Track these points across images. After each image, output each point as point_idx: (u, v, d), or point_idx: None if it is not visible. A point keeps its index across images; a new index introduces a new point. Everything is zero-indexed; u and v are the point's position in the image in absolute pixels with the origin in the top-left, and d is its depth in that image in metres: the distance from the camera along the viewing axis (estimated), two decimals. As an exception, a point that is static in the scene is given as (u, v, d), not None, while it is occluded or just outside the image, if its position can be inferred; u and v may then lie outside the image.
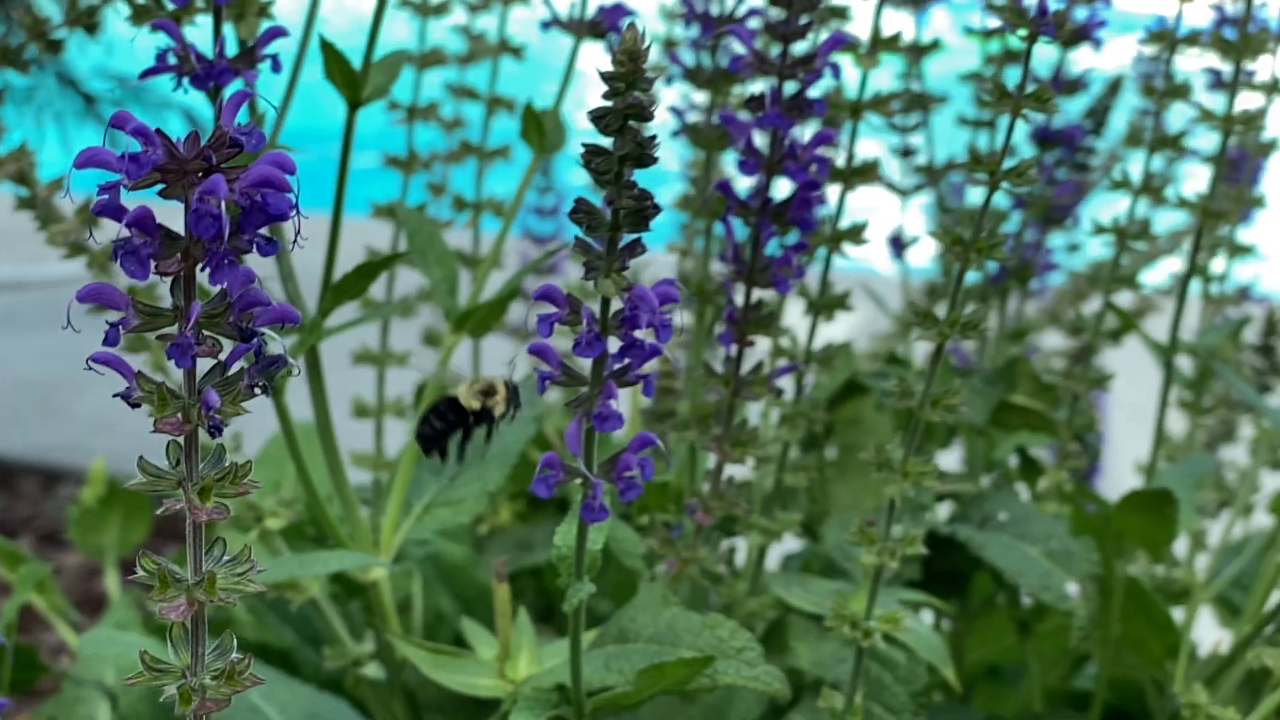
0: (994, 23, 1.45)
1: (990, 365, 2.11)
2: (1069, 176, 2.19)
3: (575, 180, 2.85)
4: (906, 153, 2.23)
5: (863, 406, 2.21)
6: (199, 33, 1.42)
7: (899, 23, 2.20)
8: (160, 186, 0.90)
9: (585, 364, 1.23)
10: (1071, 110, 2.20)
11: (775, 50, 1.44)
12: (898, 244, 2.31)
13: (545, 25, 1.80)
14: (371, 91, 1.52)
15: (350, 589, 1.94)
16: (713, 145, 1.74)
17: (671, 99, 2.12)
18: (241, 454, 1.73)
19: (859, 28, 1.64)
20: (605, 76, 1.12)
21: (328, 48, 1.46)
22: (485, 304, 1.68)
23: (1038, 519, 1.83)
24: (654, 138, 1.14)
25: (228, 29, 1.43)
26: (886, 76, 2.25)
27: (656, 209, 1.17)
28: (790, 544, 2.35)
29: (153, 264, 0.91)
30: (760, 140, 1.47)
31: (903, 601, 1.73)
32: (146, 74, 1.32)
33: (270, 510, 1.72)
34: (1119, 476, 2.88)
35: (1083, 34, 2.07)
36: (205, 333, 0.93)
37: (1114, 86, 2.19)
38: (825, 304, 1.66)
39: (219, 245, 0.89)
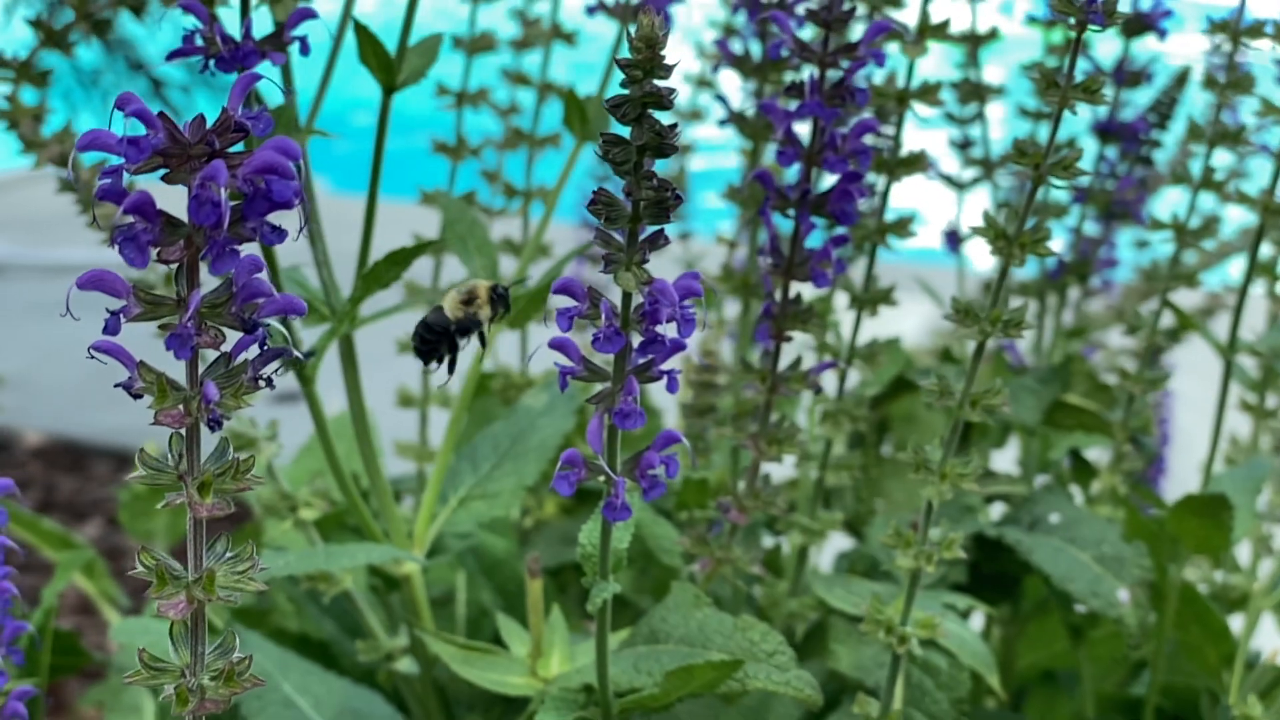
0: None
1: (1047, 364, 2.07)
2: (1132, 171, 2.13)
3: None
4: (964, 145, 2.18)
5: (917, 403, 2.17)
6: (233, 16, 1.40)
7: (956, 11, 2.15)
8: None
9: (608, 359, 1.20)
10: (1139, 103, 2.15)
11: (817, 37, 1.40)
12: (953, 238, 2.27)
13: (590, 10, 1.77)
14: (407, 76, 1.50)
15: (390, 581, 1.92)
16: (759, 135, 1.70)
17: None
18: (277, 443, 1.71)
19: (912, 15, 1.61)
20: (622, 64, 1.09)
21: (361, 30, 1.44)
22: (524, 294, 1.65)
23: (1089, 522, 1.78)
24: (674, 126, 1.11)
25: (263, 12, 1.41)
26: (944, 68, 2.21)
27: (678, 200, 1.13)
28: (843, 543, 2.32)
29: (153, 251, 0.88)
30: (801, 130, 1.43)
31: (948, 605, 1.70)
32: (172, 56, 1.30)
33: (305, 500, 1.70)
34: (1184, 477, 2.83)
35: (1146, 23, 2.03)
36: (208, 323, 0.91)
37: (1180, 79, 2.13)
38: (869, 299, 1.62)
39: (219, 233, 0.87)
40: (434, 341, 1.48)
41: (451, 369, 1.49)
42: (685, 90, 2.50)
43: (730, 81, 2.16)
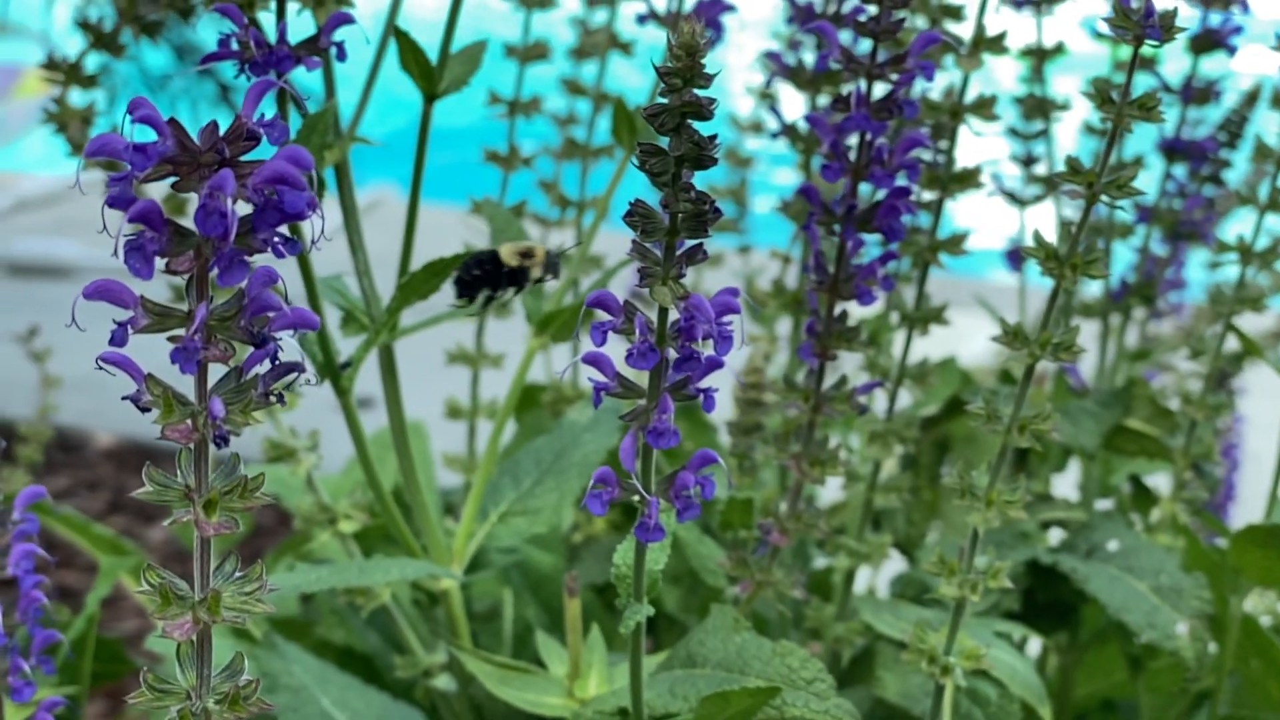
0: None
1: (1109, 387, 2.02)
2: (1200, 190, 2.08)
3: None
4: (1027, 161, 2.13)
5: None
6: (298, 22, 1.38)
7: (1020, 25, 2.10)
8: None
9: (644, 376, 1.17)
10: (1213, 120, 2.09)
11: (866, 49, 1.36)
12: (1015, 256, 2.22)
13: (641, 19, 1.74)
14: (449, 84, 1.47)
15: (433, 596, 1.90)
16: (812, 148, 1.67)
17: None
18: (317, 454, 1.69)
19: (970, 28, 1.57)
20: (661, 72, 1.06)
21: (402, 36, 1.42)
22: (570, 306, 1.62)
23: (1148, 551, 1.74)
24: (714, 137, 1.08)
25: (307, 16, 1.39)
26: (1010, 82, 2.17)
27: (717, 213, 1.10)
28: (901, 565, 2.27)
29: (159, 261, 0.86)
30: (851, 143, 1.39)
31: (999, 634, 1.65)
32: (207, 60, 1.28)
33: (344, 512, 1.68)
34: (1255, 504, 2.76)
35: (1215, 40, 1.98)
36: (217, 336, 0.88)
37: (1252, 97, 2.08)
38: (920, 317, 1.58)
39: (227, 244, 0.84)
40: (478, 279, 1.48)
41: (485, 307, 1.50)
42: (748, 103, 2.47)
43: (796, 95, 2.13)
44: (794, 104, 1.98)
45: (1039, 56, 2.06)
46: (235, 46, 1.28)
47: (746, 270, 2.44)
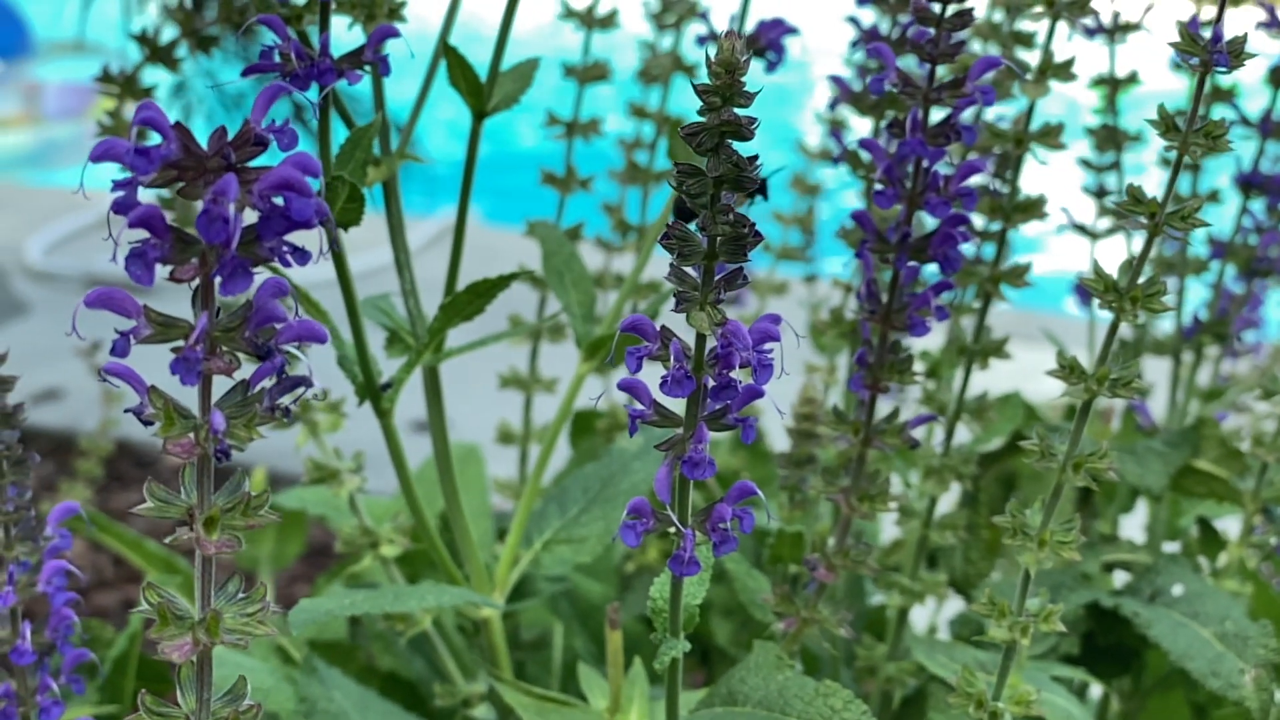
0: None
1: (1177, 426, 1.96)
2: (1278, 226, 2.02)
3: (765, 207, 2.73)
4: (1100, 193, 2.08)
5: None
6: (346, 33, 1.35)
7: (1094, 54, 2.05)
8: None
9: (681, 404, 1.13)
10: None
11: (924, 72, 1.32)
12: (1084, 290, 2.16)
13: (701, 41, 1.70)
14: (499, 101, 1.44)
15: (477, 623, 1.86)
16: (872, 173, 1.62)
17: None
18: (360, 476, 1.66)
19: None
20: (700, 90, 1.02)
21: (450, 52, 1.39)
22: (613, 334, 1.58)
23: (1213, 597, 1.68)
24: (755, 158, 1.04)
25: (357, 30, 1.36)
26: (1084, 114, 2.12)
27: (757, 237, 1.06)
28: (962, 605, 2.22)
29: (161, 268, 0.83)
30: (908, 169, 1.35)
31: (1056, 679, 1.60)
32: (248, 72, 1.26)
33: (387, 536, 1.65)
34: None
35: (1298, 71, 1.92)
36: (222, 348, 0.85)
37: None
38: (981, 350, 1.53)
39: (229, 252, 0.81)
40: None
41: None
42: (819, 131, 2.43)
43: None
44: (863, 130, 1.94)
45: (1112, 86, 2.01)
46: (278, 59, 1.25)
47: (812, 299, 2.40)
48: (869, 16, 1.70)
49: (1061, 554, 1.24)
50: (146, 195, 0.83)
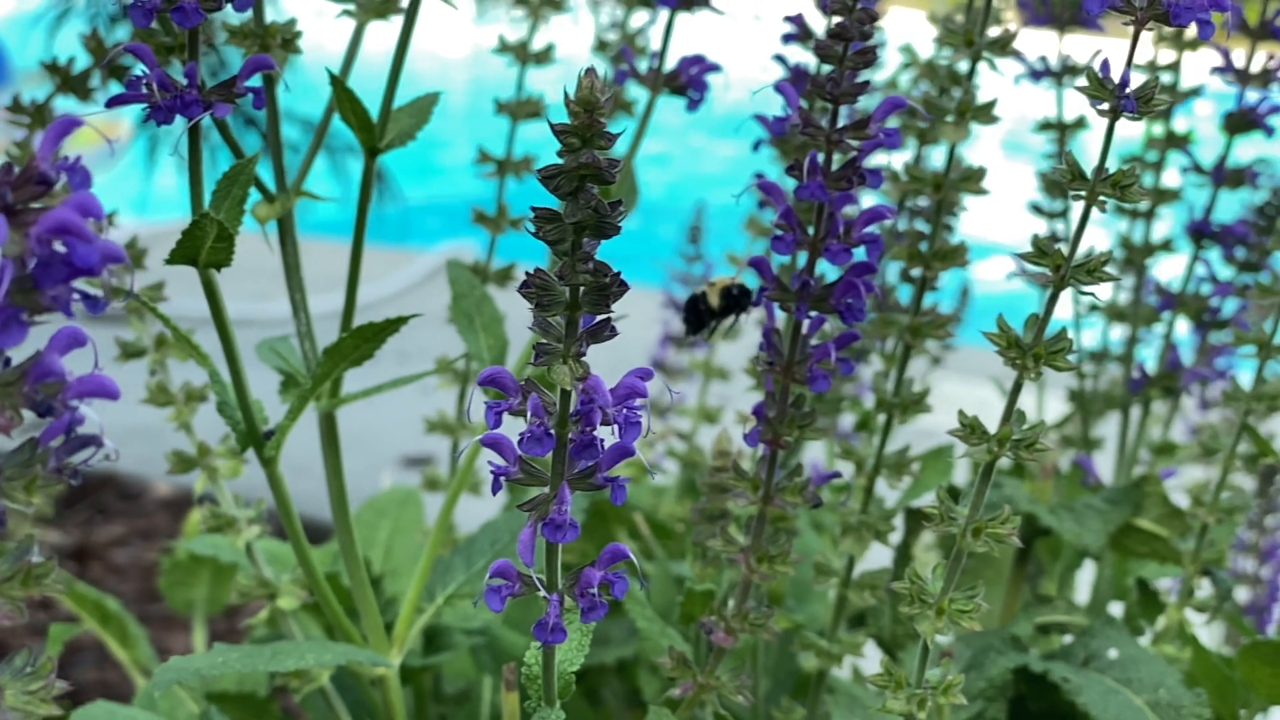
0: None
1: (1124, 482, 1.89)
2: (1236, 278, 1.95)
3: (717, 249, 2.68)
4: (1053, 239, 2.01)
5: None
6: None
7: (1040, 99, 1.99)
8: None
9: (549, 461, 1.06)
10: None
11: (826, 112, 1.25)
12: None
13: (619, 78, 1.64)
14: (394, 137, 1.38)
15: (402, 676, 1.80)
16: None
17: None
18: (261, 525, 1.59)
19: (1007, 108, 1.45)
20: (558, 130, 0.96)
21: (338, 86, 1.33)
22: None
23: (1148, 662, 1.61)
24: (617, 204, 0.97)
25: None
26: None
27: (623, 287, 1.00)
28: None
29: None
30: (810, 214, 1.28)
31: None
32: (112, 103, 1.20)
33: (285, 589, 1.58)
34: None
35: (1251, 120, 1.86)
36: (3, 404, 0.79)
37: (1296, 180, 1.95)
38: (900, 403, 1.47)
39: None
40: (697, 316, 1.52)
41: (710, 335, 1.55)
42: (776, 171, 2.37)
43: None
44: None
45: (1060, 131, 1.95)
46: (145, 90, 1.19)
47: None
48: (800, 55, 1.64)
49: (961, 623, 1.18)
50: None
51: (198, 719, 1.58)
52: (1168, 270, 2.07)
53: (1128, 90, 1.12)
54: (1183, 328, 2.01)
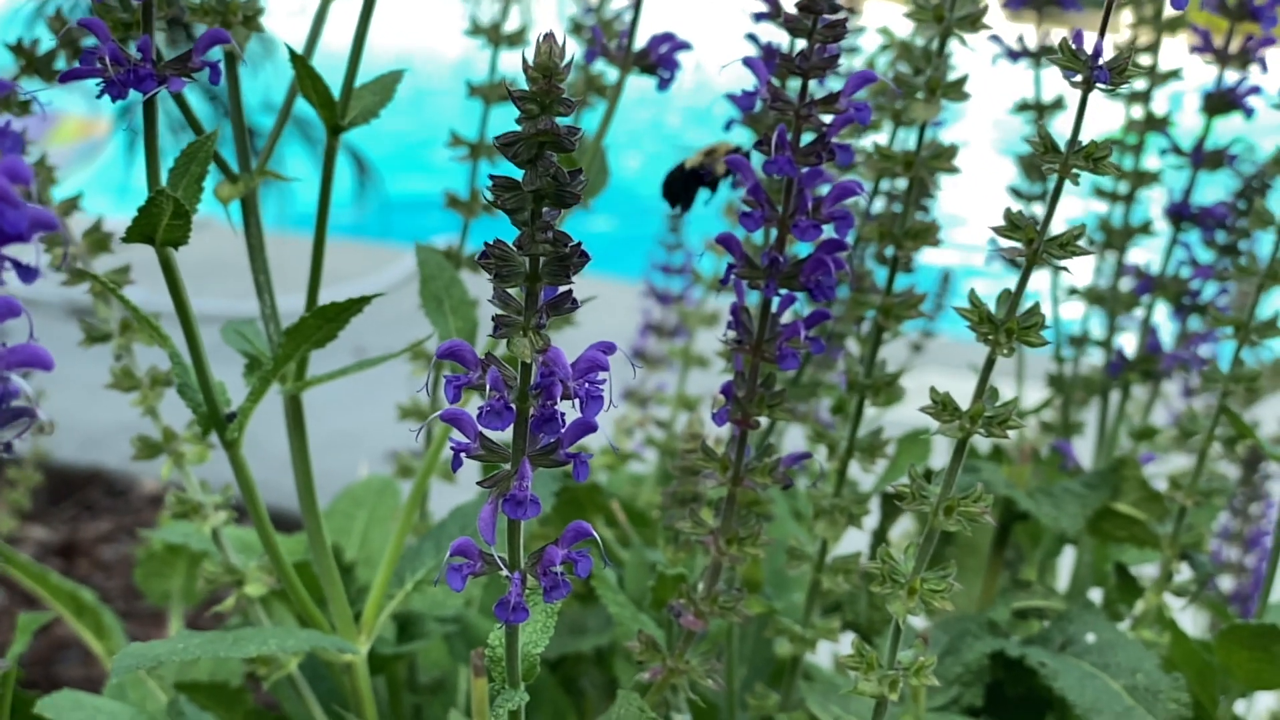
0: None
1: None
2: (1217, 261, 1.93)
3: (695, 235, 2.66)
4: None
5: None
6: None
7: (1019, 79, 1.97)
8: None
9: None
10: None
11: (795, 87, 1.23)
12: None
13: (589, 57, 1.62)
14: (357, 114, 1.36)
15: (373, 664, 1.78)
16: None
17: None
18: (227, 511, 1.57)
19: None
20: (516, 97, 0.94)
21: (298, 62, 1.31)
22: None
23: (1126, 647, 1.59)
24: (578, 172, 0.96)
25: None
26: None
27: (584, 258, 0.98)
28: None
29: None
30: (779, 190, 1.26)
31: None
32: (65, 78, 1.18)
33: (253, 575, 1.56)
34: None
35: (1230, 101, 1.84)
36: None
37: (1277, 161, 1.93)
38: (870, 385, 1.45)
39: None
40: (682, 190, 1.52)
41: (686, 208, 1.54)
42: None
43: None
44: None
45: (1038, 111, 1.93)
46: (98, 64, 1.17)
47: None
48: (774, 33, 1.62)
49: (934, 603, 1.16)
50: None
51: (166, 708, 1.56)
52: (1147, 256, 2.05)
53: (1101, 61, 1.10)
54: (1162, 316, 1.99)
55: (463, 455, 1.05)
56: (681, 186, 1.51)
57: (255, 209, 1.41)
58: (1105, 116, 1.99)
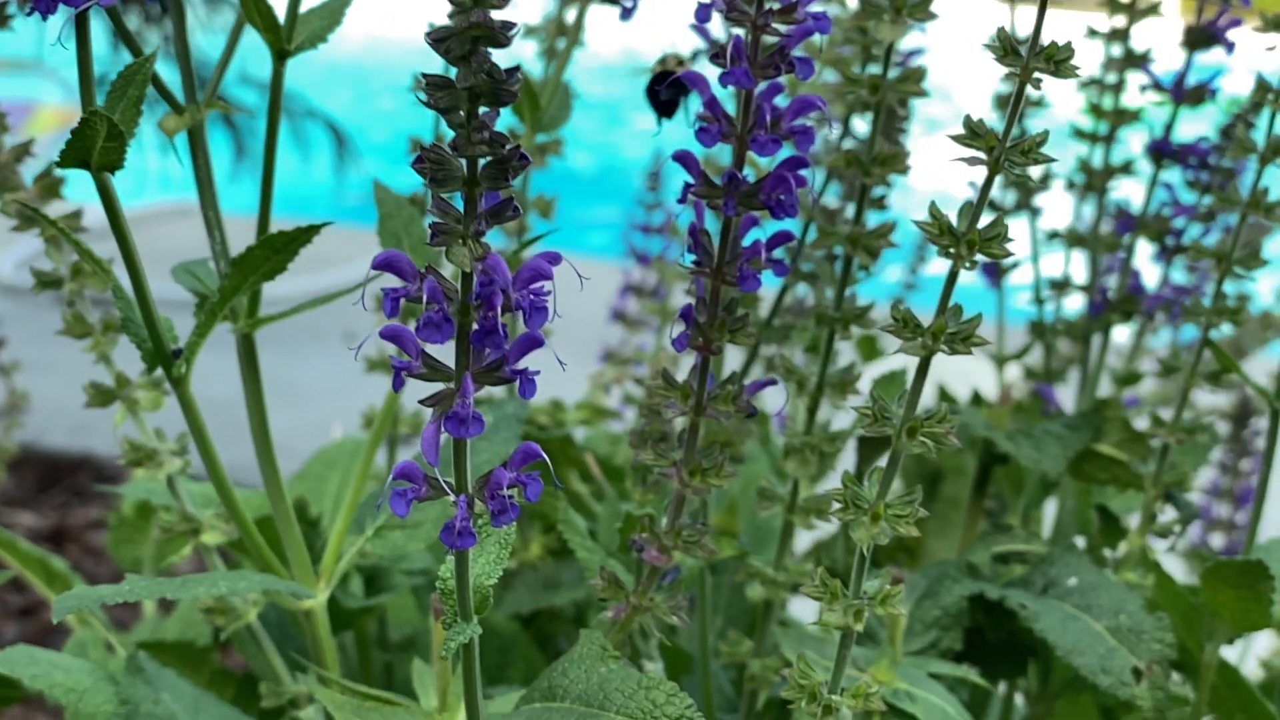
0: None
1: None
2: (1200, 200, 1.89)
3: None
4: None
5: (965, 457, 1.95)
6: None
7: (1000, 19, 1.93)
8: None
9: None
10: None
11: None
12: (992, 269, 2.04)
13: (550, -13, 1.58)
14: (305, 39, 1.32)
15: (339, 619, 1.74)
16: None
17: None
18: (183, 459, 1.53)
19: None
20: (447, -13, 0.90)
21: (240, -16, 1.27)
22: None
23: (1109, 589, 1.55)
24: (516, 69, 0.91)
25: None
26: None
27: (524, 160, 0.94)
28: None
29: None
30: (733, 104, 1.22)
31: (934, 675, 1.47)
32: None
33: (209, 523, 1.52)
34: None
35: (1210, 35, 1.80)
36: None
37: (1259, 99, 1.88)
38: (840, 318, 1.41)
39: None
40: (666, 98, 1.48)
41: (669, 115, 1.49)
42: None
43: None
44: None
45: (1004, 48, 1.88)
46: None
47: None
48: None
49: (898, 528, 1.12)
50: None
51: (125, 664, 1.51)
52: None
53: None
54: (1145, 262, 1.95)
55: (404, 374, 1.01)
56: (662, 95, 1.48)
57: (203, 142, 1.37)
58: (1085, 59, 1.95)
